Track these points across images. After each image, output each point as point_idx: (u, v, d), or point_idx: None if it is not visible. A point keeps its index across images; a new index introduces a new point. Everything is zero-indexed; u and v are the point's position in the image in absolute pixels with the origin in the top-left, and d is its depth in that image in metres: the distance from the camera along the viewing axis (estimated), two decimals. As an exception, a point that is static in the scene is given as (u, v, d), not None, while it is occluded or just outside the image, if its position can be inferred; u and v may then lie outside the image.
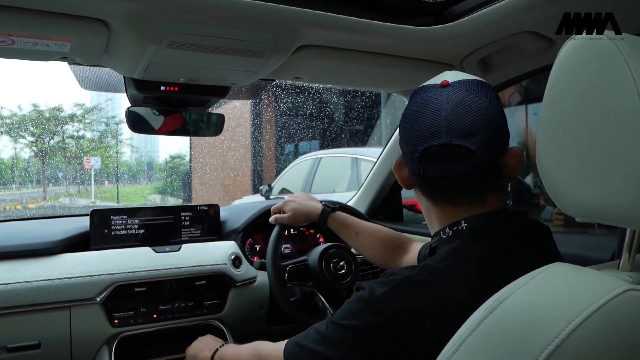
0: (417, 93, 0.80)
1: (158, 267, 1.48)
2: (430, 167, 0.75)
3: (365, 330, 0.70)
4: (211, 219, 1.72)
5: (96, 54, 1.07)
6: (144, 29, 0.92)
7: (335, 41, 1.14)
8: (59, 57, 1.06)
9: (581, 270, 0.54)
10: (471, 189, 0.77)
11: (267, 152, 11.26)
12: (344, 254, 1.51)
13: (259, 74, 1.20)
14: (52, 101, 21.95)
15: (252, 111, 11.11)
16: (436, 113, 0.74)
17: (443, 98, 0.75)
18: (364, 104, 10.02)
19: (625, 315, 0.48)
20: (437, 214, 0.81)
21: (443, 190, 0.78)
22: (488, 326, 0.51)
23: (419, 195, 0.84)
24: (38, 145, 13.95)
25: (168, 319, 1.50)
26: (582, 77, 0.54)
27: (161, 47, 0.98)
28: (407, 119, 0.78)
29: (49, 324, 1.35)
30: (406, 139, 0.78)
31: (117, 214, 1.57)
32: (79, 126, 14.44)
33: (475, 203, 0.77)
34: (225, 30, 0.96)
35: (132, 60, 1.06)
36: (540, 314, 0.48)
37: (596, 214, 0.54)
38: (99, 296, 1.39)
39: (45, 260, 1.40)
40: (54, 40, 0.95)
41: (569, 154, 0.55)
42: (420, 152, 0.75)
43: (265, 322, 1.67)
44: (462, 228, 0.76)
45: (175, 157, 19.73)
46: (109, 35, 0.97)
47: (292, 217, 1.40)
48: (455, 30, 1.11)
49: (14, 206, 11.86)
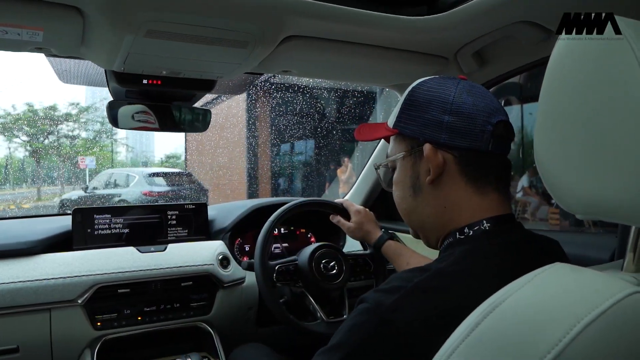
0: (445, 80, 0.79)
1: (142, 268, 1.43)
2: (499, 142, 0.74)
3: (374, 341, 0.63)
4: (199, 218, 1.67)
5: (72, 45, 1.02)
6: (120, 17, 0.88)
7: (324, 32, 1.10)
8: (33, 47, 1.01)
9: (583, 271, 0.51)
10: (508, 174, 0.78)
11: (263, 152, 11.24)
12: (335, 254, 1.47)
13: (244, 67, 1.15)
14: (47, 100, 21.82)
15: (248, 110, 11.08)
16: (487, 92, 0.77)
17: (477, 85, 0.78)
18: (360, 101, 10.02)
19: (631, 320, 0.44)
20: (465, 205, 0.76)
21: (494, 170, 0.76)
22: (483, 331, 0.47)
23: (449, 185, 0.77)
24: (32, 144, 13.88)
25: (153, 321, 1.45)
26: (582, 68, 0.51)
27: (139, 36, 0.93)
28: (465, 93, 0.75)
29: (28, 327, 1.30)
30: (469, 112, 0.74)
31: (100, 213, 1.53)
32: (73, 126, 14.37)
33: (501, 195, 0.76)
34: (206, 18, 0.92)
35: (109, 51, 1.01)
36: (540, 318, 0.45)
37: (599, 211, 0.51)
38: (80, 298, 1.34)
39: (24, 261, 1.36)
40: (24, 28, 0.90)
41: (568, 150, 0.52)
42: (494, 124, 0.73)
43: (255, 324, 1.62)
44: (484, 228, 0.74)
45: (170, 157, 19.72)
46: (85, 24, 0.93)
47: (355, 229, 1.44)
48: (449, 20, 1.07)
49: (7, 206, 11.78)
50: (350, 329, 0.66)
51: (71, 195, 11.03)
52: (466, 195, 0.76)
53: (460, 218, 0.76)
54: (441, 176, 0.76)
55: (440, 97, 0.76)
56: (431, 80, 0.79)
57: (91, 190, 10.53)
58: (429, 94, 0.77)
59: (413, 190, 0.80)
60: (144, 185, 9.72)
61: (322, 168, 10.75)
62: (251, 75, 1.37)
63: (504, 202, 0.76)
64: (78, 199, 10.30)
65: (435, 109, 0.75)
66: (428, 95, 0.77)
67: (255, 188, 11.03)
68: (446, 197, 0.77)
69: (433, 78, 0.80)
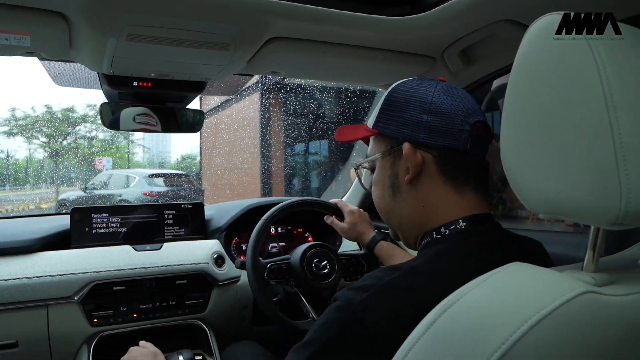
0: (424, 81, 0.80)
1: (137, 266, 1.46)
2: (477, 142, 0.75)
3: (343, 338, 0.63)
4: (195, 217, 1.70)
5: (61, 49, 1.05)
6: (101, 21, 0.90)
7: (307, 33, 1.10)
8: (23, 51, 1.04)
9: (539, 271, 0.51)
10: (486, 174, 0.79)
11: (276, 153, 11.25)
12: (327, 254, 1.47)
13: (230, 68, 1.17)
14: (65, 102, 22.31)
15: (261, 112, 11.12)
16: (465, 94, 0.78)
17: (456, 86, 0.79)
18: (369, 102, 9.96)
19: (580, 319, 0.44)
20: (443, 205, 0.76)
21: (472, 170, 0.77)
22: (437, 329, 0.48)
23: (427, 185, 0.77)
24: (51, 145, 14.13)
25: (149, 319, 1.48)
26: (543, 68, 0.51)
27: (120, 40, 0.95)
28: (443, 94, 0.76)
29: (26, 323, 1.34)
30: (447, 112, 0.75)
31: (98, 212, 1.56)
32: (91, 127, 14.59)
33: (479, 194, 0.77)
34: (186, 21, 0.94)
35: (96, 54, 1.04)
36: (490, 317, 0.45)
37: (559, 210, 0.51)
38: (76, 295, 1.38)
39: (22, 259, 1.40)
40: (11, 33, 0.93)
41: (530, 149, 0.52)
42: (472, 124, 0.74)
43: (250, 323, 1.64)
44: (460, 227, 0.74)
45: (186, 157, 19.90)
46: (70, 28, 0.95)
47: (348, 229, 1.45)
48: (433, 19, 1.07)
49: (26, 206, 12.03)
50: (321, 326, 0.67)
51: (69, 196, 11.22)
52: (444, 195, 0.76)
53: (437, 218, 0.76)
54: (420, 175, 0.77)
55: (419, 97, 0.76)
56: (410, 81, 0.80)
57: (90, 191, 10.76)
58: (407, 94, 0.77)
59: (392, 190, 0.81)
60: (144, 185, 10.06)
61: (336, 168, 10.72)
62: (242, 76, 1.38)
63: (481, 202, 0.76)
64: (77, 199, 10.51)
65: (414, 108, 0.76)
66: (407, 95, 0.77)
67: (269, 188, 11.06)
68: (425, 196, 0.77)
69: (412, 79, 0.80)
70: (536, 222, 1.76)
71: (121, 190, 10.30)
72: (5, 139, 14.19)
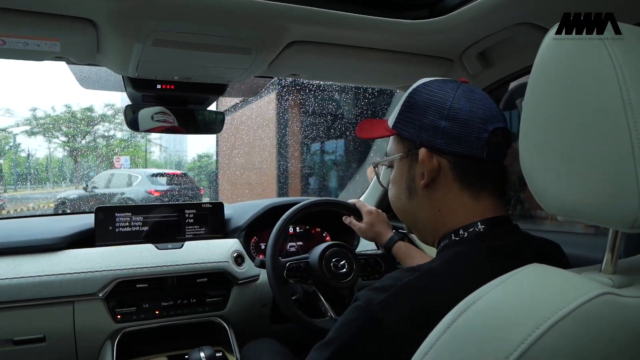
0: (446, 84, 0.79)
1: (159, 264, 1.49)
2: (495, 150, 0.74)
3: (363, 338, 0.65)
4: (215, 216, 1.73)
5: (89, 53, 1.08)
6: (128, 27, 0.93)
7: (327, 37, 1.12)
8: (53, 56, 1.08)
9: (557, 272, 0.51)
10: (505, 180, 0.78)
11: (293, 152, 11.25)
12: (345, 254, 1.49)
13: (252, 71, 1.19)
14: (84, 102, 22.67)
15: (278, 111, 11.14)
16: (488, 99, 0.77)
17: (477, 89, 0.78)
18: (387, 102, 9.91)
19: (598, 320, 0.45)
20: (459, 210, 0.77)
21: (489, 177, 0.76)
22: (456, 329, 0.48)
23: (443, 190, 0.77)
24: (70, 145, 14.37)
25: (170, 316, 1.51)
26: (561, 71, 0.51)
27: (147, 45, 0.98)
28: (462, 99, 0.75)
29: (53, 318, 1.38)
30: (465, 119, 0.74)
31: (121, 212, 1.60)
32: (109, 126, 14.81)
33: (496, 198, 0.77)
34: (209, 27, 0.96)
35: (122, 58, 1.07)
36: (508, 317, 0.46)
37: (577, 213, 0.51)
38: (101, 292, 1.41)
39: (49, 256, 1.44)
40: (43, 40, 0.97)
41: (548, 152, 0.52)
42: (490, 132, 0.73)
43: (268, 321, 1.66)
44: (478, 230, 0.74)
45: (202, 157, 20.03)
46: (98, 34, 0.98)
47: (366, 229, 1.46)
48: (450, 23, 1.08)
49: (47, 204, 12.25)
50: (341, 325, 0.68)
51: (69, 194, 11.36)
52: (460, 200, 0.76)
53: (453, 221, 0.77)
54: (436, 180, 0.77)
55: (438, 102, 0.76)
56: (432, 83, 0.79)
57: (91, 190, 10.91)
58: (427, 97, 0.77)
59: (408, 192, 0.81)
60: (148, 184, 10.32)
61: (353, 168, 10.69)
62: (262, 78, 1.41)
63: (498, 205, 0.77)
64: (78, 198, 10.70)
65: (432, 113, 0.76)
66: (426, 99, 0.77)
67: (286, 188, 11.08)
68: (440, 200, 0.78)
69: (434, 81, 0.80)
70: (555, 223, 1.75)
71: (124, 189, 10.51)
72: (26, 138, 14.46)
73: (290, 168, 11.09)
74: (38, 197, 13.38)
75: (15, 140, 14.99)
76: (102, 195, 10.57)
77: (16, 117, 16.68)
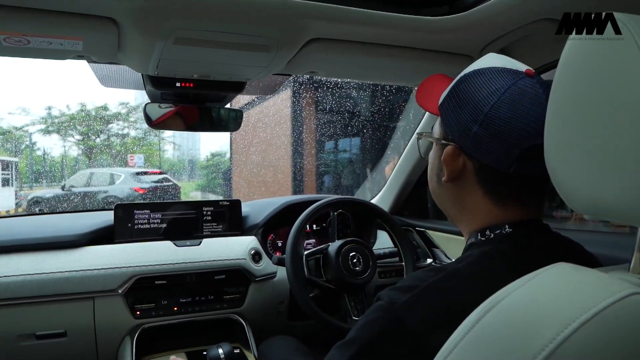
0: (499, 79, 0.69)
1: (178, 261, 1.51)
2: (526, 166, 0.67)
3: (386, 338, 0.64)
4: (233, 214, 1.74)
5: (110, 52, 1.09)
6: (150, 25, 0.94)
7: (347, 34, 1.12)
8: (75, 55, 1.09)
9: (585, 271, 0.50)
10: (540, 191, 0.72)
11: (309, 150, 11.22)
12: (362, 250, 1.49)
13: (270, 69, 1.19)
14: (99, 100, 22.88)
15: (293, 108, 11.13)
16: (543, 107, 0.63)
17: (540, 91, 0.68)
18: (405, 100, 9.86)
19: (627, 320, 0.44)
20: (483, 212, 0.74)
21: (516, 190, 0.71)
22: (482, 328, 0.48)
23: (467, 189, 0.74)
24: (85, 143, 14.50)
25: (188, 312, 1.52)
26: (589, 68, 0.51)
27: (168, 43, 0.99)
28: (505, 105, 0.67)
29: (73, 314, 1.40)
30: (500, 130, 0.67)
31: (140, 209, 1.61)
32: (123, 125, 14.91)
33: (528, 207, 0.72)
34: (230, 25, 0.97)
35: (143, 56, 1.08)
36: (536, 316, 0.45)
37: (604, 211, 0.50)
38: (121, 288, 1.43)
39: (70, 252, 1.46)
40: (66, 39, 0.98)
41: (575, 150, 0.52)
42: (526, 148, 0.66)
43: (285, 318, 1.67)
44: (505, 232, 0.71)
45: (215, 155, 20.08)
46: (119, 32, 0.99)
47: None
48: (471, 19, 1.07)
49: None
50: (363, 325, 0.68)
51: (44, 193, 11.28)
52: (484, 205, 0.73)
53: (478, 221, 0.75)
54: (461, 179, 0.75)
55: (478, 103, 0.69)
56: (484, 73, 0.71)
57: (69, 189, 10.89)
58: (471, 92, 0.71)
59: (437, 178, 0.80)
60: (133, 182, 10.53)
61: (370, 166, 10.65)
62: (280, 76, 1.41)
63: (530, 210, 0.72)
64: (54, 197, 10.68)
65: (469, 112, 0.70)
66: (470, 93, 0.71)
67: (302, 186, 11.08)
68: (464, 199, 0.76)
69: (487, 70, 0.71)
70: (578, 223, 1.72)
71: (107, 187, 10.62)
72: (41, 137, 14.62)
73: (305, 166, 11.08)
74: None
75: (31, 139, 15.19)
76: (82, 194, 10.64)
77: (32, 115, 16.88)
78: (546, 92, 0.65)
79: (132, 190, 10.19)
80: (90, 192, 10.68)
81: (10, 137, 14.05)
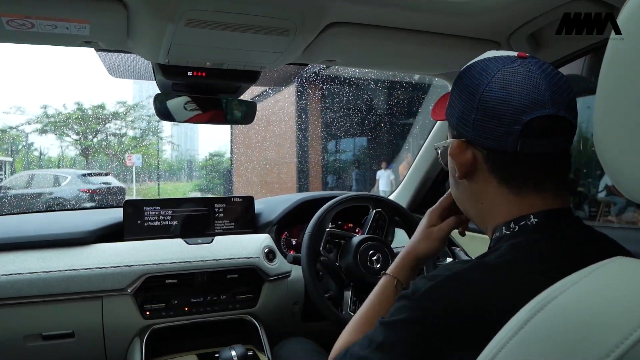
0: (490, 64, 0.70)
1: (189, 259, 1.45)
2: (532, 142, 0.66)
3: (407, 325, 0.64)
4: (245, 211, 1.68)
5: (118, 37, 1.04)
6: (160, 6, 0.89)
7: (368, 17, 1.06)
8: (82, 41, 1.03)
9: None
10: (558, 173, 0.70)
11: (313, 147, 11.15)
12: (381, 248, 1.44)
13: (287, 56, 1.13)
14: (95, 99, 22.70)
15: (297, 105, 11.07)
16: (537, 82, 0.66)
17: (534, 68, 0.67)
18: (411, 97, 9.83)
19: None
20: (502, 205, 0.72)
21: (529, 172, 0.69)
22: (534, 328, 0.43)
23: (482, 183, 0.73)
24: (82, 142, 14.47)
25: (200, 312, 1.47)
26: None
27: (179, 26, 0.93)
28: (498, 85, 0.67)
29: (81, 314, 1.35)
30: (495, 110, 0.67)
31: (150, 205, 1.56)
32: (121, 124, 14.88)
33: (547, 192, 0.70)
34: (245, 5, 0.91)
35: (153, 42, 1.02)
36: (599, 317, 0.40)
37: None
38: (130, 287, 1.38)
39: (78, 250, 1.40)
40: (72, 22, 0.92)
41: (630, 135, 0.47)
42: (524, 124, 0.65)
43: (300, 319, 1.62)
44: (531, 223, 0.69)
45: (214, 155, 20.12)
46: (128, 14, 0.94)
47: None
48: (500, 1, 1.01)
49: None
50: (391, 314, 0.68)
51: None
52: (500, 196, 0.72)
53: (498, 215, 0.73)
54: (474, 173, 0.74)
55: (472, 90, 0.69)
56: (478, 63, 0.72)
57: (4, 191, 10.93)
58: (467, 83, 0.71)
59: (454, 180, 0.79)
60: (80, 184, 10.70)
61: (382, 164, 10.59)
62: (295, 66, 1.35)
63: (555, 197, 0.70)
64: None
65: (466, 100, 0.70)
66: (466, 84, 0.71)
67: (306, 184, 11.06)
68: (481, 194, 0.75)
69: (481, 61, 0.72)
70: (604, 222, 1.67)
71: (52, 189, 10.69)
72: (37, 136, 14.58)
73: (310, 163, 11.05)
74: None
75: (27, 139, 15.15)
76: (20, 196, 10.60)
77: (27, 114, 16.83)
78: (541, 68, 0.67)
79: (79, 191, 10.39)
80: (29, 194, 10.66)
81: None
